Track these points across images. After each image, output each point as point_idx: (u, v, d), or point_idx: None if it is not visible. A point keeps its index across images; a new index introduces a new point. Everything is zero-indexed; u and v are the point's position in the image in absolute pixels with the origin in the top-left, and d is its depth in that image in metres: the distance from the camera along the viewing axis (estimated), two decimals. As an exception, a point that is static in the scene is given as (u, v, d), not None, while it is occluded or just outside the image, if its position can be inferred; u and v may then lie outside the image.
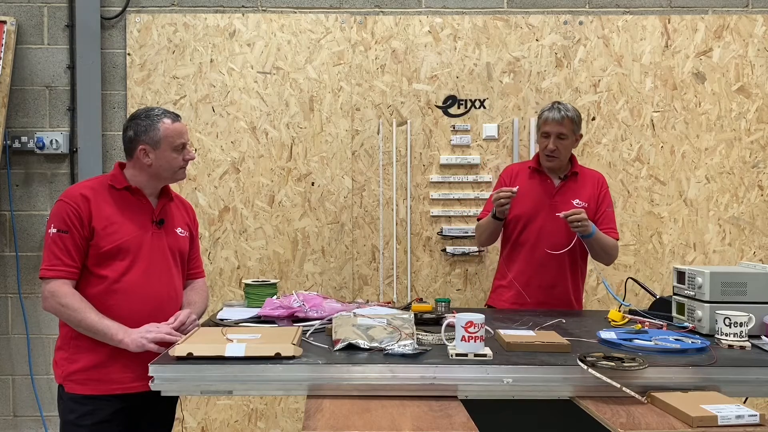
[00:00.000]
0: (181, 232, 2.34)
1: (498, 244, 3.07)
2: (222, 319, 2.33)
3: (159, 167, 2.23)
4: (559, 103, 2.93)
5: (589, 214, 2.85)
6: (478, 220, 3.04)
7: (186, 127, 2.30)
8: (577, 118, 2.89)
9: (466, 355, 1.84)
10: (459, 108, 3.63)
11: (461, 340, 1.85)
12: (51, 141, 3.57)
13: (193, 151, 2.35)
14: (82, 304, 2.09)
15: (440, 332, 2.02)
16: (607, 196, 2.96)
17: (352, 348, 1.92)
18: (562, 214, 2.70)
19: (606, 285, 2.83)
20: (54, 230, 2.12)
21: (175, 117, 2.26)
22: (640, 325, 2.28)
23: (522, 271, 2.89)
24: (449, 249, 3.61)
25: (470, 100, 3.62)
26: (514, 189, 2.74)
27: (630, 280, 2.98)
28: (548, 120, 2.86)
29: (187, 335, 2.00)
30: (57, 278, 2.10)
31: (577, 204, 2.86)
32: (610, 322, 2.43)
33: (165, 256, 2.26)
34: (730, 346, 2.04)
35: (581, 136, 2.97)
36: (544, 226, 2.85)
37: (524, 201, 2.84)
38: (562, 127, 2.84)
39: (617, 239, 2.91)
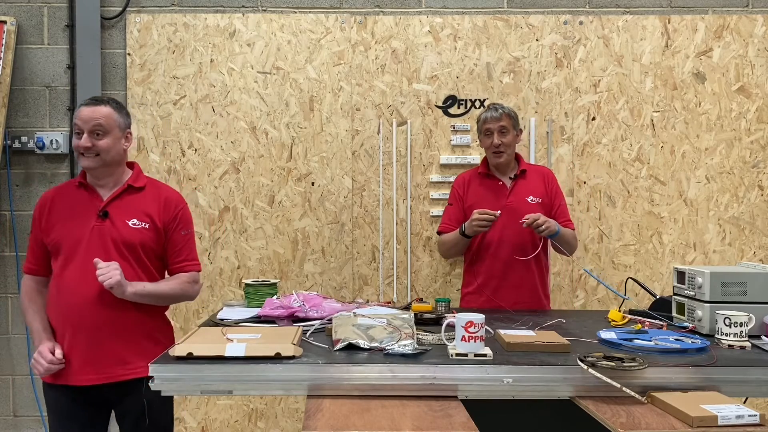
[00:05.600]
0: (134, 224, 2.25)
1: None
2: (222, 319, 2.33)
3: None
4: (493, 103, 3.13)
5: (544, 209, 2.98)
6: (439, 233, 3.12)
7: (97, 113, 2.21)
8: (514, 115, 3.05)
9: (466, 355, 1.84)
10: (459, 108, 3.63)
11: (461, 340, 1.85)
12: (51, 141, 3.57)
13: (83, 140, 2.19)
14: (25, 302, 2.30)
15: (440, 332, 2.02)
16: (559, 190, 3.12)
17: (352, 348, 1.92)
18: (524, 224, 2.79)
19: (588, 272, 2.85)
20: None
21: (91, 102, 2.24)
22: (640, 325, 2.28)
23: (490, 275, 2.97)
24: (449, 249, 3.61)
25: (470, 100, 3.62)
26: (497, 213, 2.82)
27: (630, 280, 2.98)
28: (487, 119, 3.02)
29: (188, 335, 2.00)
30: (25, 273, 2.34)
31: (531, 201, 3.00)
32: (610, 322, 2.43)
33: (106, 249, 2.20)
34: (730, 346, 2.04)
35: (521, 131, 3.12)
36: (505, 227, 2.93)
37: (481, 206, 2.91)
38: (502, 122, 2.98)
39: (574, 229, 3.08)
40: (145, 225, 2.27)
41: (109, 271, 2.10)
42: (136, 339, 2.24)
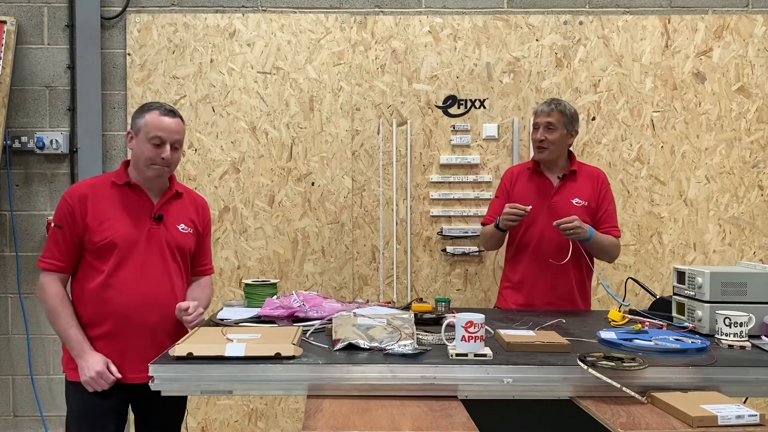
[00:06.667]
0: (183, 229, 2.34)
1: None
2: (222, 319, 2.33)
3: (135, 155, 2.26)
4: (554, 99, 3.01)
5: (589, 212, 2.88)
6: (483, 224, 3.07)
7: (178, 127, 2.25)
8: (569, 113, 2.92)
9: (466, 355, 1.84)
10: (459, 108, 3.63)
11: (461, 340, 1.85)
12: (51, 141, 3.57)
13: (167, 154, 2.22)
14: (55, 306, 2.19)
15: (440, 332, 2.02)
16: (608, 194, 2.98)
17: (352, 348, 1.92)
18: (555, 223, 2.74)
19: (605, 287, 2.83)
20: (53, 224, 2.23)
21: (169, 113, 2.24)
22: (640, 325, 2.28)
23: (527, 273, 2.92)
24: (449, 249, 3.61)
25: (470, 100, 3.62)
26: (527, 208, 2.77)
27: (630, 280, 2.98)
28: (538, 112, 2.95)
29: (188, 335, 2.00)
30: (48, 271, 2.22)
31: (576, 203, 2.88)
32: (610, 322, 2.43)
33: (162, 252, 2.27)
34: (730, 346, 2.04)
35: (576, 132, 2.99)
36: (546, 227, 2.86)
37: (524, 203, 2.85)
38: (550, 117, 2.89)
39: (618, 236, 2.94)
40: (190, 230, 2.37)
41: (199, 315, 2.23)
42: (176, 336, 2.29)
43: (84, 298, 2.22)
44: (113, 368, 2.17)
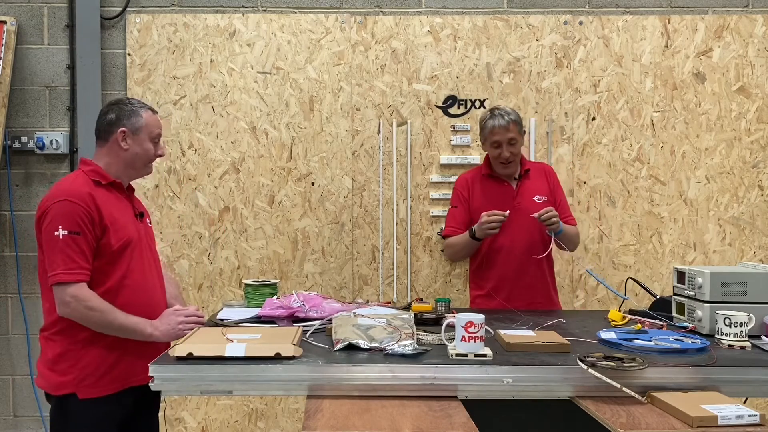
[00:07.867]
0: (149, 223, 2.40)
1: None
2: (222, 319, 2.33)
3: (134, 155, 2.23)
4: (497, 108, 3.00)
5: (549, 206, 2.92)
6: (444, 236, 3.10)
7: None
8: (519, 119, 2.97)
9: (466, 355, 1.84)
10: (459, 108, 3.63)
11: (461, 340, 1.85)
12: (51, 141, 3.57)
13: (163, 149, 2.33)
14: (107, 305, 2.07)
15: (440, 332, 2.02)
16: (559, 185, 3.10)
17: (352, 348, 1.92)
18: (536, 215, 2.76)
19: (600, 280, 2.84)
20: (65, 232, 2.02)
21: (155, 111, 2.32)
22: (640, 325, 2.28)
23: (502, 278, 2.93)
24: (449, 249, 3.61)
25: (470, 100, 3.62)
26: (506, 213, 2.80)
27: (630, 280, 2.99)
28: (495, 129, 2.91)
29: (188, 335, 2.00)
30: (77, 282, 2.04)
31: (538, 200, 2.97)
32: (610, 322, 2.43)
33: (151, 247, 2.33)
34: (730, 346, 2.04)
35: (524, 132, 3.07)
36: (515, 229, 2.89)
37: (488, 209, 2.85)
38: (510, 132, 2.91)
39: (575, 224, 3.08)
40: (150, 223, 2.43)
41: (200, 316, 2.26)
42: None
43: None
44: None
